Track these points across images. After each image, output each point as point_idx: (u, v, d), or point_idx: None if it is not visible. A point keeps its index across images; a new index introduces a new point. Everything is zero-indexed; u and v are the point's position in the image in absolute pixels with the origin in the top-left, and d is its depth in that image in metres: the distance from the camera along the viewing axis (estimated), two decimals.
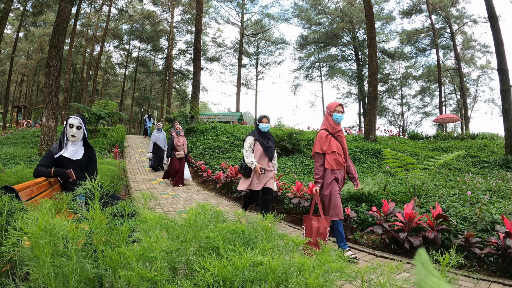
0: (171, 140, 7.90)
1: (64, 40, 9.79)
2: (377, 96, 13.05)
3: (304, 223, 3.18)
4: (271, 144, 4.24)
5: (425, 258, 0.32)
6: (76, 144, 2.98)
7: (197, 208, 1.57)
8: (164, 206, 5.54)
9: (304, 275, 1.12)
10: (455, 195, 4.59)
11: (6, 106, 27.30)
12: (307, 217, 3.16)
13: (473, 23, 27.96)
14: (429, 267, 0.32)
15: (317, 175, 3.20)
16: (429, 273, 0.31)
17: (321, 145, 3.22)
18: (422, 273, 0.31)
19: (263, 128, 4.24)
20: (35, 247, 1.10)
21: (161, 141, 9.50)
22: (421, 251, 0.33)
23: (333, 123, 3.26)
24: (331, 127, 3.26)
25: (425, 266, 0.32)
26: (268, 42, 35.07)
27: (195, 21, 16.19)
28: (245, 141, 4.26)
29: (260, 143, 4.16)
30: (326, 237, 3.06)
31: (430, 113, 33.97)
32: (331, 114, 3.27)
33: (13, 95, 38.69)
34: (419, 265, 0.32)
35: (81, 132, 2.97)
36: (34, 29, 29.16)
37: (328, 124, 3.28)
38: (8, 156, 9.22)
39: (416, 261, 0.32)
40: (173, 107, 36.95)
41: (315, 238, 2.97)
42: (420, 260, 0.32)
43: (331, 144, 3.20)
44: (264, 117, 4.29)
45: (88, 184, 1.48)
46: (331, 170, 3.18)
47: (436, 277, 0.30)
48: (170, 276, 1.27)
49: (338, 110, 3.26)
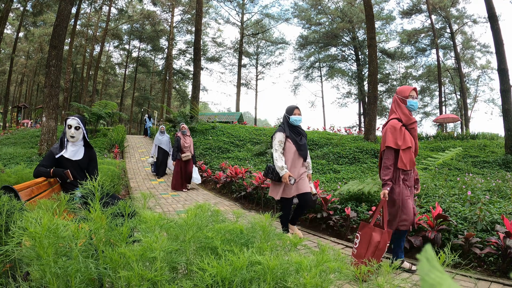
0: (177, 141, 7.37)
1: (64, 40, 9.79)
2: (377, 96, 13.05)
3: (360, 231, 2.61)
4: (304, 141, 3.59)
5: (431, 254, 0.33)
6: (76, 145, 2.98)
7: (196, 208, 1.58)
8: (164, 206, 5.55)
9: (302, 274, 1.13)
10: (455, 195, 4.59)
11: (6, 106, 27.30)
12: (368, 226, 2.59)
13: (473, 23, 27.98)
14: (434, 263, 0.32)
15: (386, 176, 2.59)
16: (433, 268, 0.31)
17: (395, 138, 2.60)
18: (426, 268, 0.31)
19: (295, 121, 3.54)
20: (39, 247, 1.11)
21: (165, 144, 8.95)
22: (428, 247, 0.34)
23: (407, 111, 2.66)
24: (405, 117, 2.65)
25: (430, 262, 0.32)
26: (268, 42, 35.09)
27: (195, 21, 16.20)
28: (274, 138, 3.56)
29: (292, 140, 3.51)
30: (383, 254, 2.51)
31: (430, 113, 34.01)
32: (405, 100, 2.67)
33: (13, 95, 38.71)
34: (424, 260, 0.32)
35: (80, 133, 2.96)
36: (34, 29, 29.17)
37: (401, 113, 2.67)
38: (8, 156, 9.23)
39: (422, 256, 0.32)
40: (173, 107, 36.97)
41: (372, 253, 2.45)
42: (426, 255, 0.33)
43: (406, 138, 2.60)
44: (296, 108, 3.58)
45: (89, 184, 1.48)
46: (402, 170, 2.62)
47: (439, 271, 0.31)
48: (170, 276, 1.28)
49: (412, 95, 2.68)
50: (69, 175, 2.79)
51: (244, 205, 6.02)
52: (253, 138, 12.69)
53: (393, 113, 2.73)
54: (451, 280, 0.30)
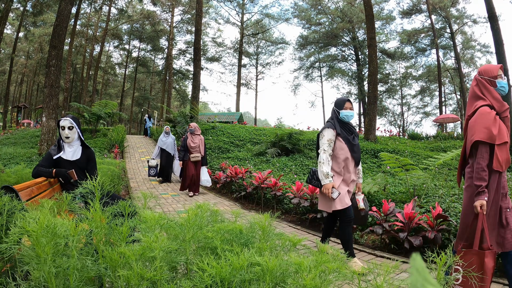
0: (184, 140, 6.94)
1: (64, 40, 9.80)
2: (377, 96, 13.05)
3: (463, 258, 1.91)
4: (357, 141, 2.93)
5: (420, 264, 0.31)
6: (73, 145, 2.96)
7: (196, 208, 1.58)
8: (164, 206, 5.55)
9: (302, 275, 1.13)
10: (455, 195, 4.59)
11: (6, 106, 27.31)
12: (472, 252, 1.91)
13: (473, 23, 27.97)
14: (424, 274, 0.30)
15: (481, 180, 1.94)
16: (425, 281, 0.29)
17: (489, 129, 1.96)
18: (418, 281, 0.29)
19: (346, 117, 2.87)
20: (37, 246, 1.11)
21: (170, 146, 8.34)
22: (416, 256, 0.32)
23: (498, 95, 2.06)
24: (497, 103, 2.05)
25: (421, 273, 0.30)
26: (268, 42, 35.09)
27: (195, 21, 16.20)
28: (322, 136, 2.87)
29: (344, 139, 2.84)
30: None
31: (430, 113, 34.04)
32: (494, 82, 2.08)
33: (13, 95, 38.72)
34: (415, 272, 0.30)
35: (74, 132, 2.94)
36: (34, 29, 29.16)
37: (492, 98, 2.06)
38: (8, 156, 9.23)
39: (412, 268, 0.30)
40: (173, 107, 36.98)
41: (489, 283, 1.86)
42: (416, 266, 0.31)
43: (502, 130, 1.99)
44: (347, 101, 2.91)
45: (89, 184, 1.48)
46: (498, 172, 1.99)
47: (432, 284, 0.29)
48: (169, 276, 1.28)
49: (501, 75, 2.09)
50: (74, 175, 2.78)
51: (244, 205, 6.03)
52: (253, 138, 12.69)
53: (480, 99, 2.09)
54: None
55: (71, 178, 2.78)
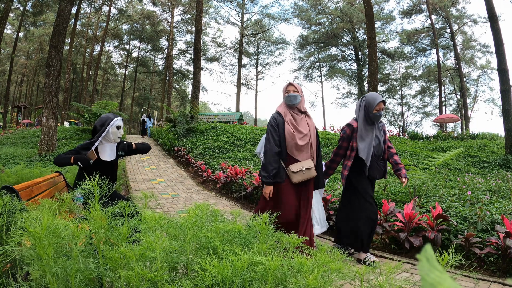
0: None
1: (64, 40, 9.80)
2: None
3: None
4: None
5: (431, 254, 0.33)
6: (114, 145, 2.91)
7: (196, 208, 1.58)
8: (164, 206, 5.55)
9: (304, 275, 1.13)
10: (455, 195, 4.59)
11: (6, 106, 27.32)
12: None
13: (473, 23, 28.00)
14: (433, 262, 0.32)
15: None
16: (433, 268, 0.31)
17: None
18: (426, 267, 0.31)
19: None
20: (39, 247, 1.11)
21: None
22: (427, 247, 0.34)
23: None
24: None
25: (430, 261, 0.32)
26: (268, 42, 35.10)
27: (195, 21, 16.20)
28: None
29: None
30: None
31: (430, 113, 34.04)
32: None
33: (13, 95, 38.74)
34: (424, 260, 0.32)
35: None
36: (34, 29, 29.18)
37: None
38: (8, 156, 9.23)
39: (422, 256, 0.33)
40: (173, 107, 36.96)
41: None
42: (426, 255, 0.33)
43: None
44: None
45: (88, 185, 1.48)
46: None
47: (439, 271, 0.31)
48: (170, 276, 1.28)
49: None
50: (93, 154, 2.62)
51: (244, 205, 6.02)
52: (253, 138, 12.69)
53: None
54: (451, 279, 0.30)
55: (91, 159, 2.62)
